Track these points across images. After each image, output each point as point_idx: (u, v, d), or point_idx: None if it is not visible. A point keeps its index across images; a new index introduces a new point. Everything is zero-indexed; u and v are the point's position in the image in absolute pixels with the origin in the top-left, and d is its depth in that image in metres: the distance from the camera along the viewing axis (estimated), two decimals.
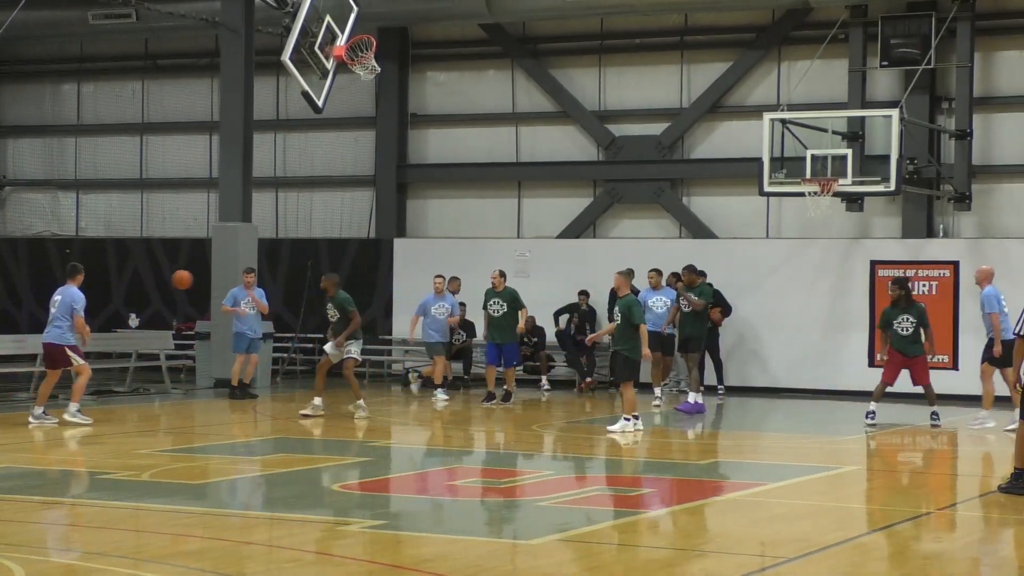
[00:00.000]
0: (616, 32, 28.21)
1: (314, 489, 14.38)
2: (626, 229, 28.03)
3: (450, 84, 29.53)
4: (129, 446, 17.39)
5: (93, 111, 32.39)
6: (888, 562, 10.93)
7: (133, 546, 11.15)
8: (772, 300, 26.16)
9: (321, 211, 30.31)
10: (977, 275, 20.64)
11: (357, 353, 21.10)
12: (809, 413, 23.63)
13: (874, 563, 10.87)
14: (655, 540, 11.83)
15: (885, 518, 13.15)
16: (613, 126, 28.12)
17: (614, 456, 17.68)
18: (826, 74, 26.11)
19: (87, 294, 31.18)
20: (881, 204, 26.06)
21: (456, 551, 10.93)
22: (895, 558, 11.08)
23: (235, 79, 25.76)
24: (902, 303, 20.66)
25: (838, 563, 10.75)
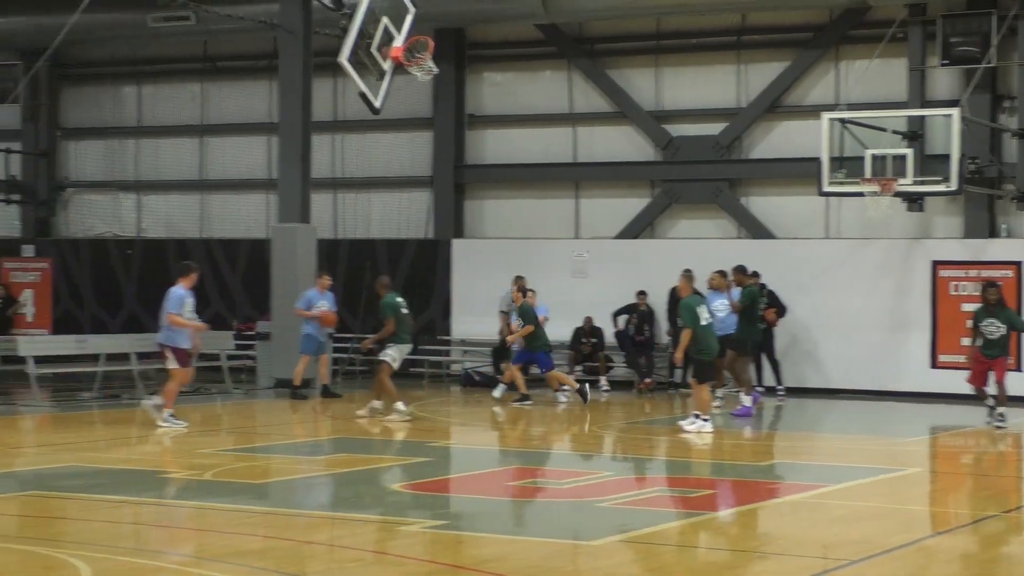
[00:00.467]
0: (673, 32, 28.14)
1: (375, 489, 14.43)
2: (684, 229, 27.95)
3: (507, 85, 29.54)
4: (191, 446, 17.50)
5: (153, 113, 32.59)
6: (952, 565, 10.85)
7: (196, 545, 11.23)
8: (831, 300, 26.01)
9: (379, 212, 30.39)
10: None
11: (391, 358, 20.88)
12: (870, 414, 23.48)
13: (938, 566, 10.80)
14: (716, 542, 11.80)
15: (949, 521, 13.07)
16: (670, 126, 28.06)
17: (675, 457, 17.64)
18: (885, 73, 25.95)
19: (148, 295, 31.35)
20: (942, 204, 25.87)
21: (516, 551, 10.95)
22: (959, 561, 11.00)
23: (293, 80, 25.86)
24: (992, 307, 20.60)
25: (902, 566, 10.69)
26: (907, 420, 22.92)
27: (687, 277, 20.12)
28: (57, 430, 19.76)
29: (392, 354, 20.90)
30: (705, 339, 19.45)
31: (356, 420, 20.58)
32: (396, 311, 20.99)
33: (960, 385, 24.65)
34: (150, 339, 26.82)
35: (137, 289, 31.81)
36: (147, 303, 31.49)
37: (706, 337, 19.46)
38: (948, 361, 25.08)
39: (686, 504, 13.62)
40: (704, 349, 19.45)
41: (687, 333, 19.43)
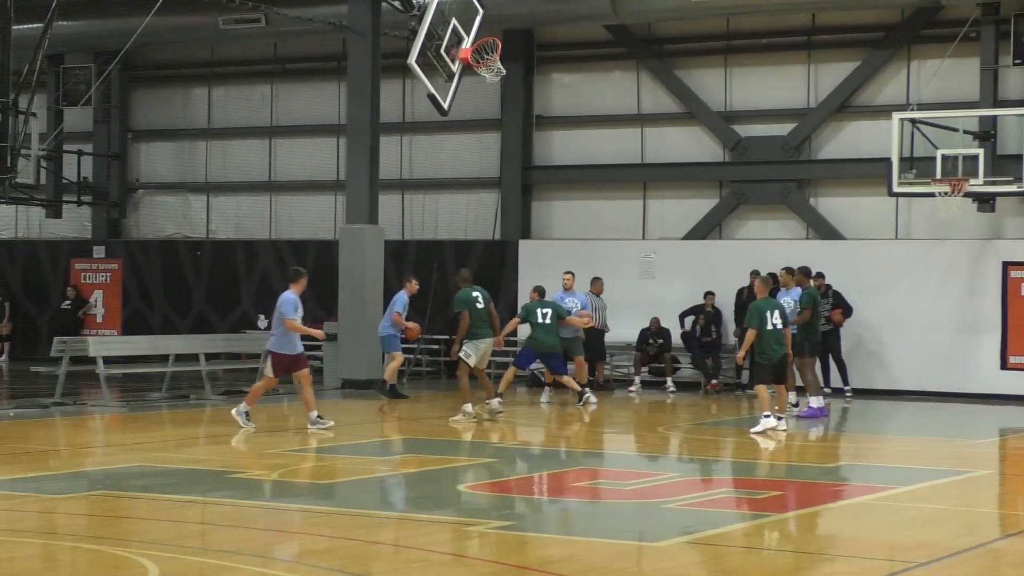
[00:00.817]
0: (742, 32, 28.04)
1: (441, 489, 14.46)
2: (752, 230, 27.84)
3: (575, 86, 29.52)
4: (259, 445, 17.60)
5: (223, 115, 32.84)
6: (1021, 568, 10.74)
7: (262, 545, 11.29)
8: (901, 302, 25.83)
9: (447, 213, 30.47)
10: None
11: (466, 355, 20.41)
12: (939, 416, 23.30)
13: (1006, 569, 10.70)
14: (783, 543, 11.74)
15: (1018, 523, 12.95)
16: (739, 127, 27.95)
17: (741, 459, 17.57)
18: (957, 73, 25.73)
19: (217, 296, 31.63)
20: (1013, 204, 25.62)
21: (581, 552, 10.94)
22: None
23: (362, 82, 25.96)
24: None
25: (969, 569, 10.59)
26: (976, 422, 22.71)
27: (763, 280, 20.01)
28: (126, 430, 19.93)
29: (468, 351, 20.40)
30: (768, 343, 19.36)
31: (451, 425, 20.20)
32: (470, 306, 20.40)
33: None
34: (219, 339, 27.16)
35: (206, 290, 32.05)
36: (216, 304, 31.79)
37: (769, 341, 19.38)
38: (1018, 362, 24.89)
39: (752, 506, 13.56)
40: (765, 352, 19.39)
41: (751, 334, 19.38)
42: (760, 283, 20.01)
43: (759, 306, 19.53)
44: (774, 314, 19.47)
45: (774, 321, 19.43)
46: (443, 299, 28.53)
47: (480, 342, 20.51)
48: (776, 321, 19.45)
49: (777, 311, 19.55)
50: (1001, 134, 24.65)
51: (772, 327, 19.35)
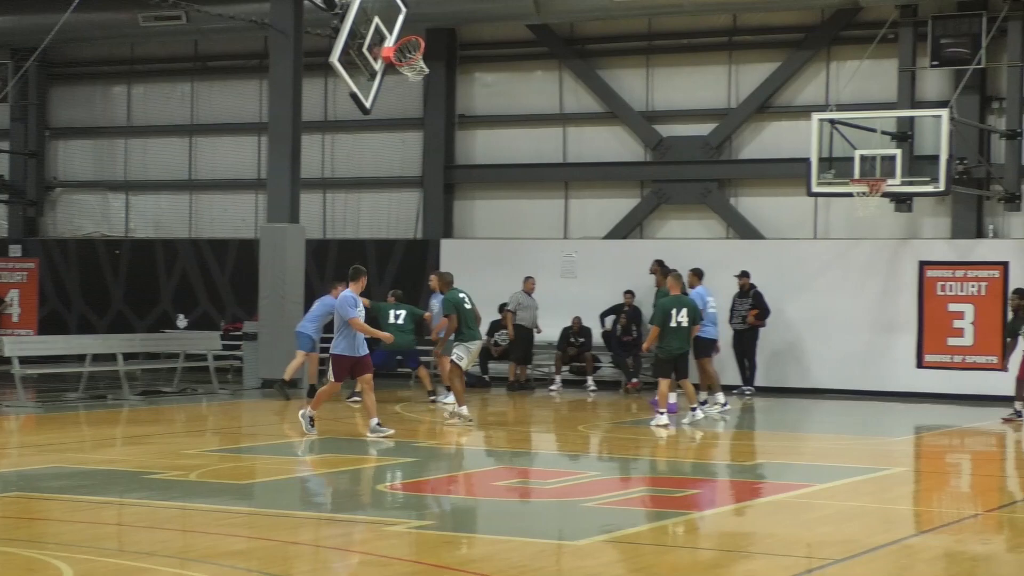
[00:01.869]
0: (664, 32, 28.16)
1: (361, 489, 14.42)
2: (673, 230, 27.97)
3: (498, 85, 29.54)
4: (176, 446, 17.47)
5: (143, 113, 32.58)
6: (935, 564, 10.86)
7: (180, 546, 11.21)
8: (820, 301, 26.04)
9: (368, 212, 30.39)
10: None
11: (457, 356, 20.04)
12: (856, 414, 23.50)
13: (922, 565, 10.80)
14: (701, 541, 11.80)
15: (933, 520, 13.08)
16: (660, 126, 28.07)
17: (660, 457, 17.65)
18: (875, 74, 25.98)
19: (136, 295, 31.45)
20: (930, 204, 25.90)
21: (502, 551, 10.94)
22: (942, 560, 11.01)
23: (284, 80, 25.83)
24: (1022, 313, 21.34)
25: (885, 565, 10.69)
26: (893, 420, 22.94)
27: (675, 277, 20.44)
28: (41, 431, 19.71)
29: (460, 353, 20.07)
30: (669, 338, 19.89)
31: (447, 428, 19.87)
32: (459, 307, 20.18)
33: (946, 385, 24.81)
34: (137, 339, 26.94)
35: (125, 289, 31.79)
36: (135, 303, 31.53)
37: (671, 337, 19.87)
38: (934, 361, 25.19)
39: (671, 504, 13.61)
40: (664, 347, 19.95)
41: (654, 330, 20.00)
42: (672, 280, 20.34)
43: (665, 303, 19.94)
44: (680, 312, 19.80)
45: (679, 319, 19.80)
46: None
47: (471, 344, 20.24)
48: (682, 319, 19.81)
49: (685, 309, 19.84)
50: (918, 135, 24.92)
51: (677, 324, 19.74)
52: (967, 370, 24.89)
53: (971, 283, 25.13)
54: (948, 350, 25.15)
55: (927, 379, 25.23)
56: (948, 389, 24.87)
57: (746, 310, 25.46)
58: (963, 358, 24.97)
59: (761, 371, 25.98)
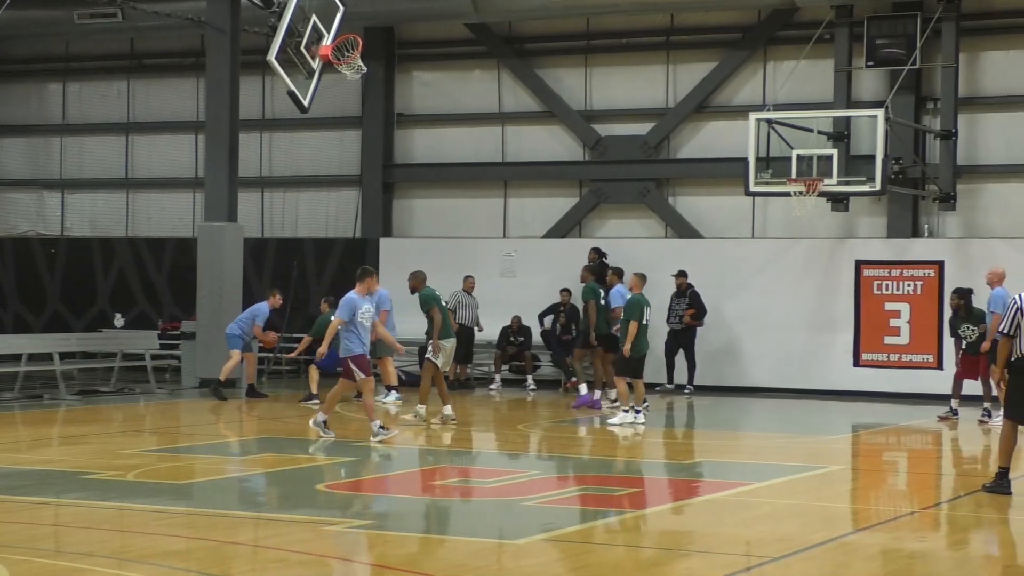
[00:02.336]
0: (602, 32, 28.22)
1: (300, 489, 14.37)
2: (612, 229, 28.04)
3: (436, 84, 29.51)
4: (114, 446, 17.37)
5: (79, 111, 32.34)
6: (872, 561, 10.95)
7: (118, 546, 11.14)
8: (758, 300, 26.17)
9: (307, 211, 30.29)
10: (989, 276, 21.11)
11: (436, 356, 19.87)
12: (794, 413, 23.65)
13: (859, 562, 10.89)
14: (640, 540, 11.84)
15: (870, 517, 13.19)
16: (599, 126, 28.14)
17: (599, 456, 17.69)
18: (812, 74, 26.14)
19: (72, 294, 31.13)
20: (866, 204, 26.10)
21: (442, 551, 10.94)
22: (880, 557, 11.10)
23: (221, 79, 25.72)
24: (962, 312, 21.46)
25: (823, 563, 10.77)
26: (830, 418, 23.10)
27: (639, 276, 20.51)
28: None
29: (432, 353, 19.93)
30: (640, 337, 20.07)
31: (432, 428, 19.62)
32: (440, 304, 20.17)
33: (882, 383, 25.02)
34: (73, 339, 26.73)
35: (61, 288, 31.55)
36: (71, 302, 31.29)
37: (641, 336, 20.07)
38: (871, 359, 25.38)
39: (610, 503, 13.66)
40: (634, 346, 20.01)
41: (634, 326, 19.95)
42: (636, 278, 20.44)
43: (638, 300, 20.00)
44: (648, 310, 19.97)
45: (648, 317, 19.97)
46: (302, 298, 28.37)
47: (446, 342, 20.11)
48: (649, 317, 20.02)
49: (648, 308, 20.01)
50: (854, 135, 25.08)
51: (646, 323, 19.88)
52: (903, 368, 25.09)
53: (907, 282, 25.33)
54: (884, 348, 25.35)
55: (864, 377, 25.42)
56: (885, 387, 25.06)
57: (683, 310, 25.58)
58: (899, 356, 25.17)
59: (699, 370, 26.08)
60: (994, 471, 14.07)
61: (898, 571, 10.58)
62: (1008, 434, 13.82)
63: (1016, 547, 12.00)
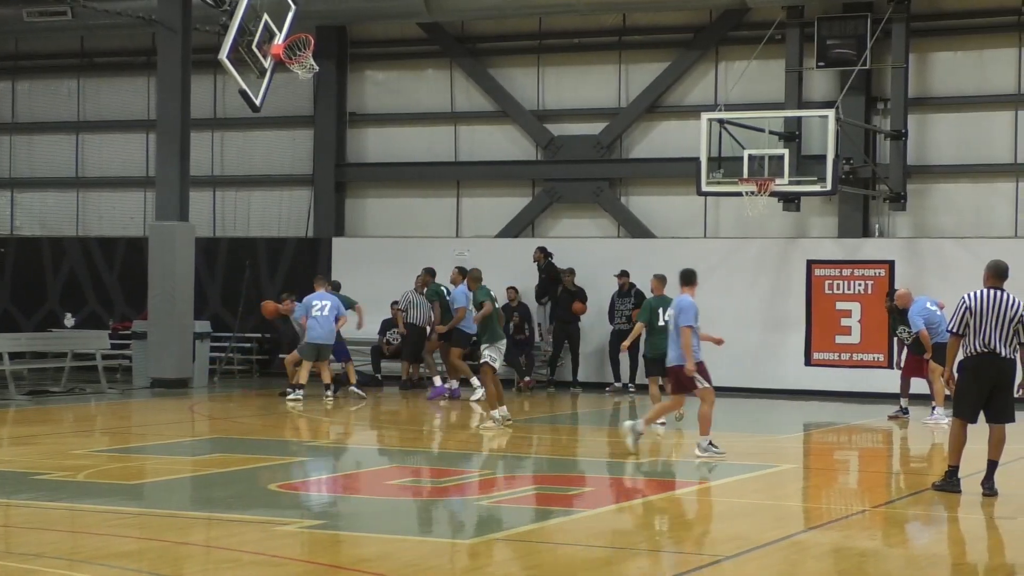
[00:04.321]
0: (555, 32, 28.26)
1: (252, 489, 14.33)
2: (565, 228, 28.08)
3: (389, 83, 29.48)
4: (64, 446, 17.27)
5: (28, 109, 32.13)
6: (824, 560, 11.00)
7: (69, 547, 11.07)
8: (710, 299, 26.05)
9: (259, 210, 30.20)
10: (898, 299, 21.60)
11: (491, 358, 19.70)
12: (746, 412, 23.72)
13: (811, 561, 10.94)
14: (593, 539, 11.85)
15: (821, 516, 13.25)
16: (552, 126, 28.17)
17: (552, 455, 17.70)
18: (763, 74, 26.25)
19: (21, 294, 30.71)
20: (818, 204, 26.23)
21: (395, 551, 10.92)
22: (831, 555, 11.15)
23: (172, 77, 25.62)
24: (895, 314, 21.83)
25: (775, 561, 10.81)
26: (782, 417, 23.21)
27: (659, 278, 20.55)
28: None
29: (492, 355, 19.75)
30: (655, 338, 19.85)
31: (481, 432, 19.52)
32: (494, 302, 20.15)
33: (834, 382, 25.15)
34: (23, 338, 26.56)
35: (11, 288, 31.33)
36: (20, 302, 31.07)
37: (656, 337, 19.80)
38: (822, 359, 25.51)
39: (563, 502, 13.68)
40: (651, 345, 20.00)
41: (639, 327, 20.18)
42: (656, 281, 20.45)
43: (650, 303, 20.11)
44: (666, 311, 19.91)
45: (666, 318, 19.98)
46: (254, 297, 28.27)
47: (500, 343, 20.00)
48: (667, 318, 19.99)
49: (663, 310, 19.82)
50: (805, 135, 25.20)
51: (664, 323, 19.84)
52: (854, 367, 25.23)
53: (858, 281, 25.47)
54: (836, 348, 25.48)
55: (815, 376, 25.54)
56: (836, 386, 25.19)
57: (630, 309, 25.68)
58: (850, 355, 25.31)
59: None
60: (943, 470, 14.15)
61: (850, 569, 10.63)
62: (957, 433, 13.90)
63: (965, 545, 12.09)
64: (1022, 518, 12.96)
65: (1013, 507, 13.23)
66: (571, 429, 20.15)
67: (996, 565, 11.01)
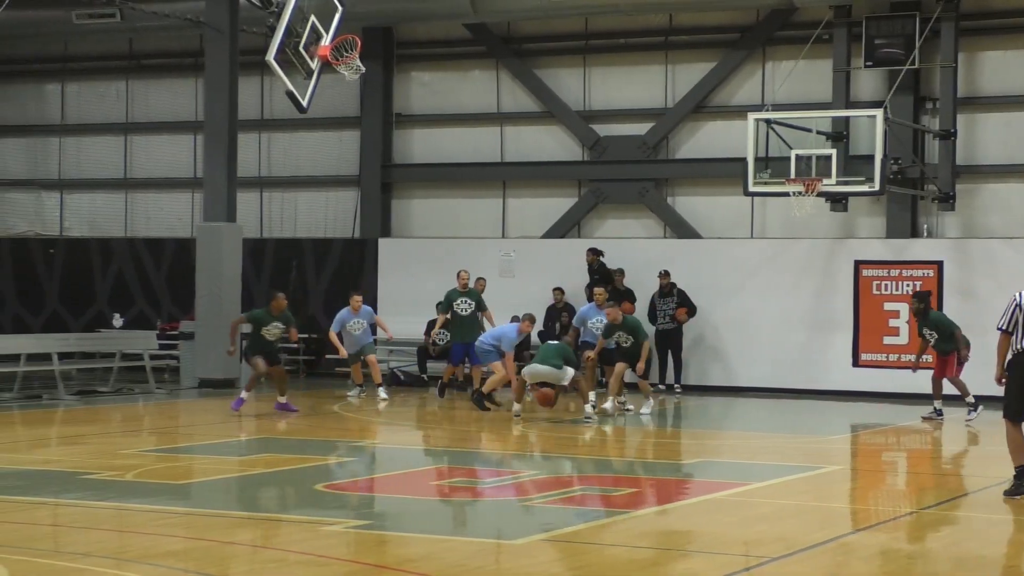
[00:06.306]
0: (600, 32, 28.21)
1: (299, 489, 14.37)
2: (611, 229, 28.03)
3: (435, 84, 29.51)
4: (113, 446, 17.36)
5: (77, 111, 32.32)
6: (872, 561, 10.94)
7: (116, 546, 11.13)
8: (756, 300, 26.17)
9: (305, 211, 30.28)
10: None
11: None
12: (794, 413, 23.64)
13: (857, 563, 10.88)
14: (639, 540, 11.83)
15: (869, 518, 13.18)
16: (598, 126, 28.13)
17: (599, 456, 17.68)
18: (810, 74, 26.13)
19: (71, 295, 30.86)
20: (865, 204, 26.09)
21: (440, 551, 10.93)
22: (879, 557, 11.10)
23: (220, 79, 25.72)
24: (920, 316, 21.66)
25: (822, 563, 10.76)
26: (829, 418, 23.10)
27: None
28: None
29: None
30: None
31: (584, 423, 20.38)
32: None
33: (882, 383, 25.00)
34: (72, 339, 26.73)
35: (60, 289, 31.54)
36: (70, 303, 31.28)
37: None
38: (870, 360, 25.38)
39: (609, 503, 13.66)
40: None
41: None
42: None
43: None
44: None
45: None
46: (301, 299, 28.36)
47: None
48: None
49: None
50: (853, 135, 25.05)
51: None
52: (903, 368, 25.03)
53: (906, 282, 25.31)
54: (884, 348, 25.34)
55: (863, 377, 25.40)
56: (884, 387, 25.04)
57: (672, 309, 25.63)
58: (898, 356, 25.14)
59: (696, 370, 26.15)
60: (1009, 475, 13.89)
61: (897, 571, 10.57)
62: (1012, 435, 13.57)
63: (1016, 547, 12.00)
64: None
65: None
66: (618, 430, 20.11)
67: None
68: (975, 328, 22.50)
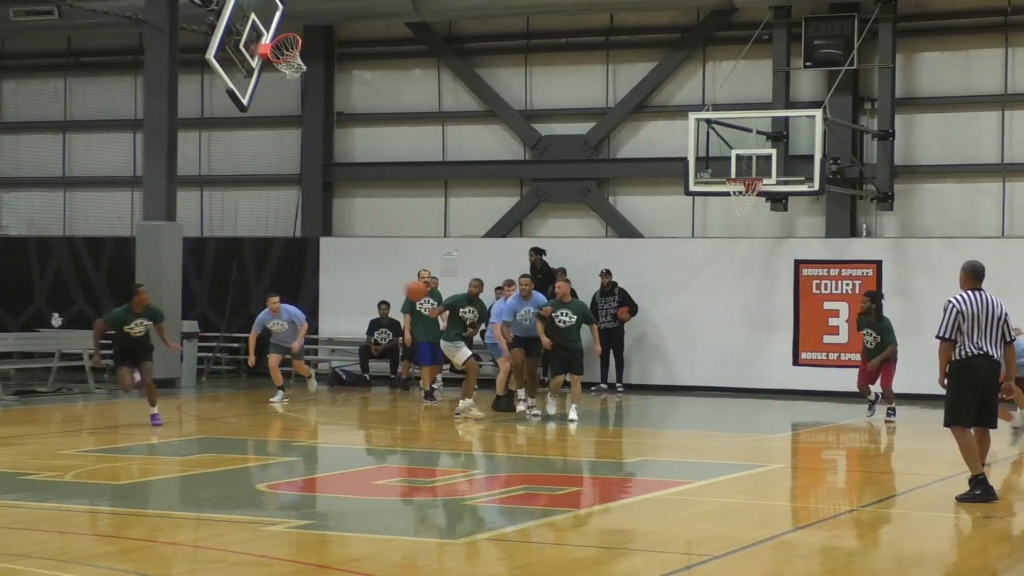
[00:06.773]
0: (542, 31, 28.26)
1: (239, 489, 14.32)
2: (553, 228, 28.08)
3: (376, 83, 29.46)
4: (52, 446, 17.24)
5: (14, 108, 32.06)
6: (812, 559, 11.01)
7: (56, 547, 11.05)
8: (698, 299, 26.28)
9: (246, 210, 30.16)
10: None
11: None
12: (734, 412, 23.75)
13: (798, 560, 10.95)
14: (581, 539, 11.86)
15: (809, 516, 13.26)
16: (539, 125, 28.17)
17: (539, 455, 17.70)
18: (750, 74, 26.27)
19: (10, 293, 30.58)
20: (805, 204, 26.26)
21: (383, 551, 10.92)
22: (819, 555, 11.17)
23: (159, 77, 25.59)
24: (870, 317, 21.24)
25: (763, 560, 10.82)
26: (770, 417, 23.21)
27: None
28: None
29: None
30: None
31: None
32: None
33: (822, 382, 25.16)
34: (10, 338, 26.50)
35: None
36: (7, 302, 31.00)
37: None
38: (810, 359, 25.54)
39: (551, 502, 13.67)
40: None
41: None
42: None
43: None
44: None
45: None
46: (242, 298, 28.25)
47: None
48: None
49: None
50: (793, 135, 25.18)
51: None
52: (842, 367, 25.22)
53: (845, 281, 25.50)
54: (824, 347, 25.51)
55: (803, 376, 25.56)
56: (824, 386, 25.20)
57: (614, 308, 25.71)
58: (838, 355, 25.33)
59: (638, 369, 26.23)
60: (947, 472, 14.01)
61: (838, 568, 10.65)
62: (964, 442, 13.38)
63: (954, 544, 12.11)
64: (1011, 518, 12.99)
65: (1002, 508, 13.25)
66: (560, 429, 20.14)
67: (981, 565, 11.03)
68: (912, 327, 22.67)
